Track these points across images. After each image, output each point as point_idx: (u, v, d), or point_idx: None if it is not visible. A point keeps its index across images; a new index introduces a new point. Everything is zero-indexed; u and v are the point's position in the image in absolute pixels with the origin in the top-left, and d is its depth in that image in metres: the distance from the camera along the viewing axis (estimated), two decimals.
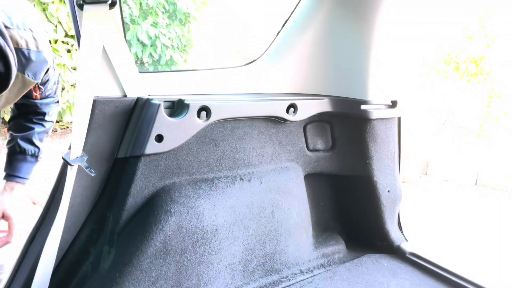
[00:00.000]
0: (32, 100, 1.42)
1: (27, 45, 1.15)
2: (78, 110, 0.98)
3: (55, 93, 1.49)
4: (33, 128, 1.45)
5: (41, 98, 1.42)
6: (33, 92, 1.39)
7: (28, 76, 1.21)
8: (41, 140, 1.48)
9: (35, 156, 1.46)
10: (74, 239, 1.15)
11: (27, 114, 1.46)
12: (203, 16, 6.06)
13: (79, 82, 0.96)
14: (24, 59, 1.16)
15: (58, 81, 1.49)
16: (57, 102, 1.53)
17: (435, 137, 6.82)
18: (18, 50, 1.12)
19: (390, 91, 1.59)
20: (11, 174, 1.42)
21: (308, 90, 1.57)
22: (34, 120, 1.46)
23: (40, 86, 1.37)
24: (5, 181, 1.43)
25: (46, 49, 1.24)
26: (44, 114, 1.47)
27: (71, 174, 1.01)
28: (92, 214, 1.16)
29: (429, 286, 1.44)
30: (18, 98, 1.33)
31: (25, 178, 1.43)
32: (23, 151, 1.43)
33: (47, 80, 1.38)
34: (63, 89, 4.99)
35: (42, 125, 1.48)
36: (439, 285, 1.45)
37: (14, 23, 1.10)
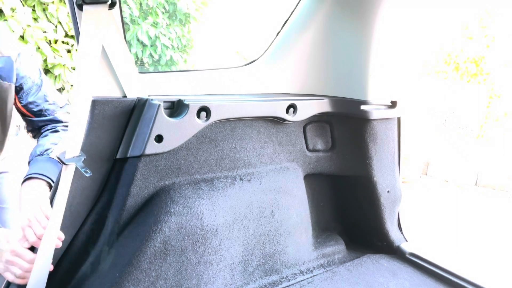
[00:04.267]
0: (26, 117, 1.43)
1: None
2: (75, 110, 0.98)
3: (46, 102, 1.44)
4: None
5: (23, 107, 1.40)
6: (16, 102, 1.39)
7: None
8: (47, 140, 1.39)
9: (42, 155, 1.35)
10: (73, 239, 1.14)
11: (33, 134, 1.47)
12: (203, 17, 6.05)
13: (77, 82, 0.96)
14: None
15: (45, 94, 1.44)
16: (52, 120, 1.46)
17: (435, 137, 6.81)
18: None
19: (390, 91, 1.59)
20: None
21: (308, 90, 1.57)
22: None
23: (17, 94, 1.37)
24: None
25: (9, 48, 1.29)
26: (39, 128, 1.44)
27: (66, 174, 1.01)
28: (92, 214, 1.16)
29: (429, 286, 1.44)
30: (10, 108, 1.33)
31: (33, 173, 1.27)
32: (32, 159, 1.35)
33: (21, 85, 1.37)
34: (62, 89, 4.98)
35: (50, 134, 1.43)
36: (439, 285, 1.45)
37: None
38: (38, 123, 1.44)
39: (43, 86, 1.43)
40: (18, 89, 1.38)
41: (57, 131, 1.44)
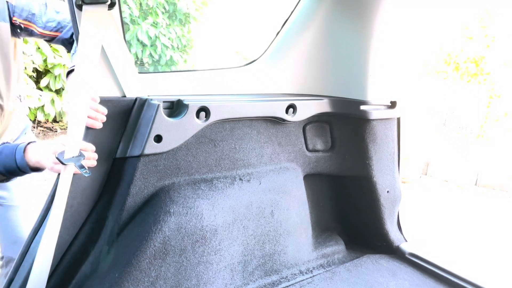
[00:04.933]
0: (58, 40, 1.43)
1: None
2: (74, 110, 0.98)
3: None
4: None
5: (45, 29, 1.41)
6: (36, 33, 1.39)
7: None
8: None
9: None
10: (73, 239, 1.14)
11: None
12: (203, 17, 6.06)
13: (77, 81, 0.96)
14: None
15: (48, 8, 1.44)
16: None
17: (435, 137, 6.81)
18: None
19: (389, 91, 1.59)
20: None
21: (307, 90, 1.57)
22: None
23: (30, 24, 1.37)
24: None
25: None
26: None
27: (65, 174, 1.01)
28: (92, 214, 1.16)
29: (429, 286, 1.44)
30: (11, 49, 1.34)
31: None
32: None
33: (30, 11, 1.36)
34: (62, 89, 4.98)
35: None
36: (439, 285, 1.45)
37: None
38: (64, 38, 1.44)
39: (48, 3, 1.42)
40: (31, 17, 1.37)
41: None
